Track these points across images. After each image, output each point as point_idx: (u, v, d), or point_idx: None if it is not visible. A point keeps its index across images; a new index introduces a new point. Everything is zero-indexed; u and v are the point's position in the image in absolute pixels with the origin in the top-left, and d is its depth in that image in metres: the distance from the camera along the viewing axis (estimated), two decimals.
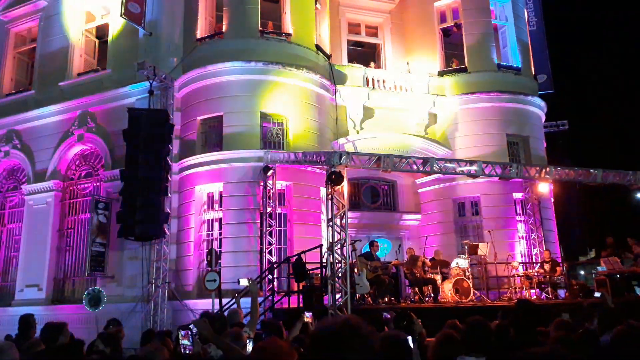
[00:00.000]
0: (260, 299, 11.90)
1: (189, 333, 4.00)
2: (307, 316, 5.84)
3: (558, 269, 14.21)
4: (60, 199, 16.18)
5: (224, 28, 15.12)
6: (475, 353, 3.36)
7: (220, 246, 13.73)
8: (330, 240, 11.07)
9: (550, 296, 13.61)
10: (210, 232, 14.24)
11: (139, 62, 14.32)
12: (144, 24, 15.61)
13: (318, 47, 15.83)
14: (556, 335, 4.50)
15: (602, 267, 13.89)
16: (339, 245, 11.00)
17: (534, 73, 18.52)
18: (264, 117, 14.55)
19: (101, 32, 17.74)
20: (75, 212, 16.03)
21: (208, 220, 14.34)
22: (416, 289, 12.62)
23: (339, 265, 10.93)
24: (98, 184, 15.62)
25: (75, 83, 16.74)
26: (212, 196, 14.39)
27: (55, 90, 16.84)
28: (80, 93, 16.26)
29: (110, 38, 16.73)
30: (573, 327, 4.76)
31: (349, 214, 12.01)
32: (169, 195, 14.14)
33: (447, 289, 12.44)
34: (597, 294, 12.75)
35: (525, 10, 19.29)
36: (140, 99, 14.96)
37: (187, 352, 3.99)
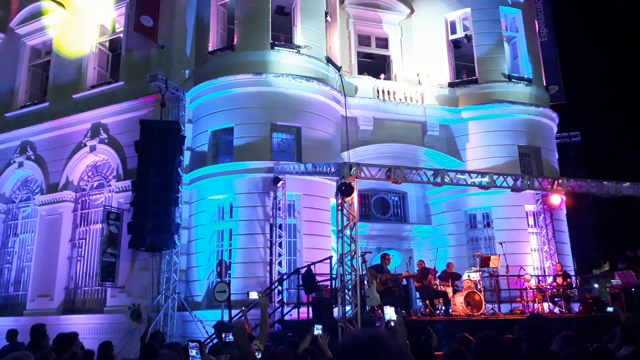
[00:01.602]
0: (269, 311, 11.86)
1: (198, 345, 4.05)
2: (318, 329, 5.80)
3: (568, 279, 14.00)
4: (72, 210, 16.32)
5: (235, 41, 15.26)
6: None
7: (230, 257, 13.73)
8: (341, 251, 11.02)
9: (563, 310, 13.41)
10: (220, 243, 14.25)
11: (151, 74, 14.50)
12: (157, 37, 15.82)
13: (328, 59, 15.91)
14: (570, 351, 4.42)
15: (616, 281, 13.68)
16: (349, 257, 10.94)
17: (545, 84, 18.43)
18: (275, 128, 14.61)
19: (114, 45, 18.00)
20: (87, 223, 16.15)
21: (218, 231, 14.37)
22: (427, 301, 12.49)
23: (349, 277, 10.87)
24: (110, 194, 15.75)
25: (88, 95, 16.96)
26: (223, 207, 14.43)
27: (68, 102, 17.08)
28: (93, 105, 16.47)
29: (123, 51, 16.97)
30: (580, 341, 4.68)
31: (359, 225, 11.95)
32: (180, 206, 14.21)
33: (458, 302, 12.30)
34: (609, 309, 12.55)
35: (535, 22, 19.27)
36: (152, 110, 15.11)
37: None
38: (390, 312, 5.71)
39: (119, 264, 14.48)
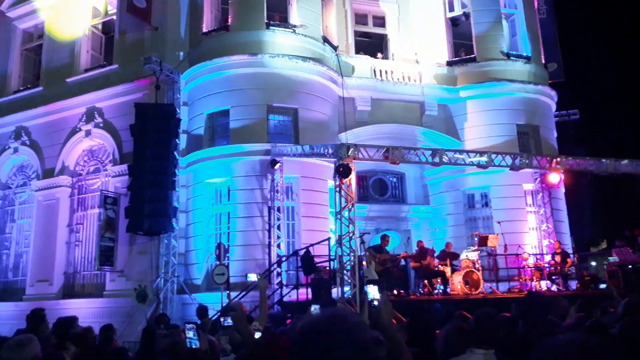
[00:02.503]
0: (268, 293, 11.90)
1: (195, 327, 4.06)
2: (315, 309, 5.80)
3: (569, 260, 14.06)
4: (69, 195, 16.26)
5: (230, 21, 15.04)
6: (485, 345, 3.28)
7: (228, 240, 13.74)
8: (339, 233, 11.01)
9: (561, 287, 13.47)
10: (218, 226, 14.24)
11: (146, 56, 14.32)
12: (150, 19, 15.58)
13: (325, 39, 15.70)
14: (567, 325, 4.44)
15: (613, 258, 13.73)
16: (347, 238, 10.94)
17: (544, 62, 18.24)
18: (271, 110, 14.48)
19: (107, 27, 17.74)
20: (84, 208, 16.12)
21: (216, 214, 14.34)
22: (425, 281, 12.54)
23: (348, 258, 10.88)
24: (106, 179, 15.68)
25: (82, 79, 16.77)
26: (220, 190, 14.38)
27: (62, 86, 16.89)
28: (87, 89, 16.30)
29: (116, 33, 16.71)
30: (583, 318, 4.70)
31: (357, 206, 11.93)
32: (177, 189, 14.16)
33: (456, 281, 12.34)
34: (602, 286, 12.63)
35: None
36: (147, 93, 14.96)
37: (192, 345, 4.02)
38: (373, 291, 5.66)
39: (117, 248, 14.48)
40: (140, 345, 6.46)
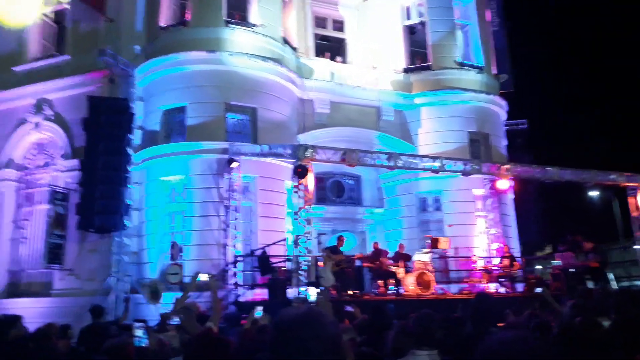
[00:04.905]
0: (223, 293, 11.83)
1: (144, 325, 4.04)
2: (258, 311, 5.86)
3: (516, 263, 14.68)
4: (14, 189, 15.57)
5: (188, 16, 14.84)
6: (426, 346, 3.39)
7: (183, 239, 13.53)
8: (296, 233, 11.09)
9: (508, 289, 14.05)
10: (173, 225, 14.01)
11: (100, 48, 13.94)
12: (105, 10, 15.16)
13: (285, 40, 15.74)
14: (512, 323, 4.70)
15: (557, 262, 14.44)
16: (303, 239, 11.03)
17: (495, 72, 18.96)
18: (229, 108, 14.38)
19: (60, 16, 17.10)
20: (32, 203, 15.47)
21: (171, 212, 14.10)
22: (379, 281, 12.78)
23: (304, 258, 10.97)
24: (56, 174, 15.11)
25: (31, 68, 16.10)
26: (176, 188, 14.15)
27: (8, 75, 16.15)
28: (36, 79, 15.67)
29: (69, 23, 16.15)
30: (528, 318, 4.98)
31: (314, 207, 12.05)
32: (130, 186, 13.83)
33: (409, 282, 12.66)
34: (538, 290, 13.29)
35: (488, 11, 19.71)
36: (100, 87, 14.55)
37: (142, 344, 4.01)
38: (313, 293, 5.78)
39: (67, 245, 14.00)
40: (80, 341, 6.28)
